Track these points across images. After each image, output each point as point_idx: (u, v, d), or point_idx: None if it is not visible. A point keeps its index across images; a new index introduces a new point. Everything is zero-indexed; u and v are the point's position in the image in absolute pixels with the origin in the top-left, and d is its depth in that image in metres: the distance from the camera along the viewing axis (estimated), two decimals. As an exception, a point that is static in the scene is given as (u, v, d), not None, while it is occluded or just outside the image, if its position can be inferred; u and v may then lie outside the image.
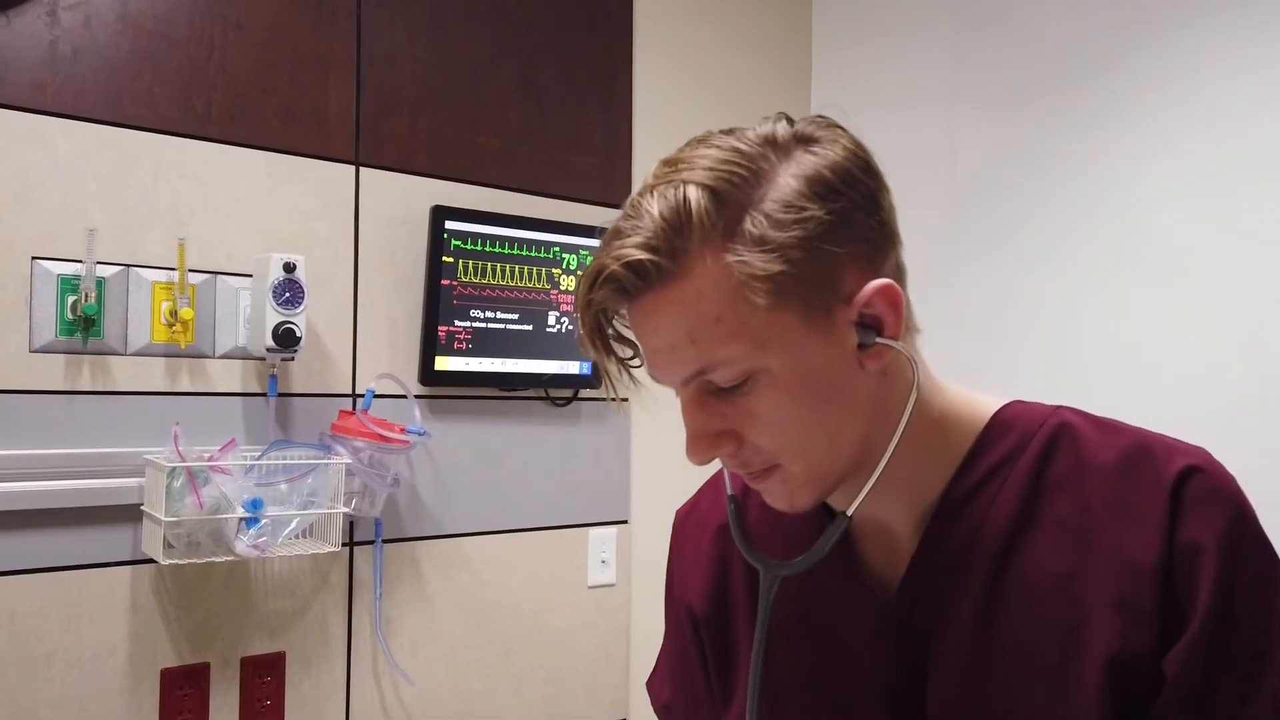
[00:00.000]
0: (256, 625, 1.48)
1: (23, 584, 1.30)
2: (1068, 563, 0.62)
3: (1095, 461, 0.63)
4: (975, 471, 0.66)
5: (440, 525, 1.67)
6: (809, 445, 0.61)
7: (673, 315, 0.59)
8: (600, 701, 1.85)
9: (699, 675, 0.81)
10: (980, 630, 0.64)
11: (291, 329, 1.39)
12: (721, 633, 0.78)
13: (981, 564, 0.64)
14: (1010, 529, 0.64)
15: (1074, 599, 0.61)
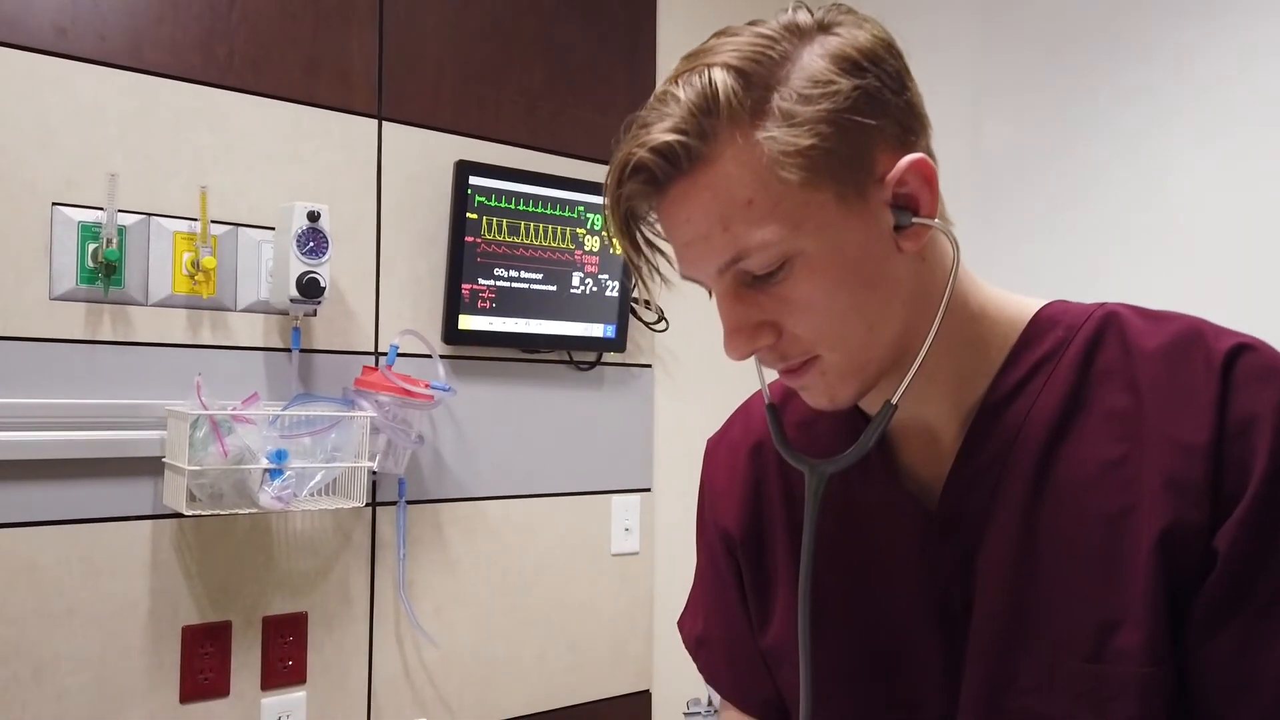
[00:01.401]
0: (278, 584, 1.45)
1: (43, 535, 1.28)
2: (1117, 451, 0.60)
3: (1144, 347, 0.61)
4: (1019, 368, 0.64)
5: (463, 488, 1.65)
6: (848, 331, 0.59)
7: (704, 202, 0.57)
8: (624, 671, 1.82)
9: (735, 603, 0.79)
10: (1027, 526, 0.61)
11: (316, 279, 1.37)
12: (759, 555, 0.76)
13: (1027, 460, 0.62)
14: (1056, 423, 0.62)
15: (1123, 486, 0.59)
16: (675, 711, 1.81)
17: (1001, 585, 0.62)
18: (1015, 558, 0.61)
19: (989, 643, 0.62)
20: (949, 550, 0.65)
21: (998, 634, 0.62)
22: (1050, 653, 0.60)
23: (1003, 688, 0.61)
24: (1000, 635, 0.61)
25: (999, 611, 0.62)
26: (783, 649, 0.73)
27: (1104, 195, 1.74)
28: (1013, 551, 0.62)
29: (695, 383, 1.95)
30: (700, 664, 0.82)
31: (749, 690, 0.78)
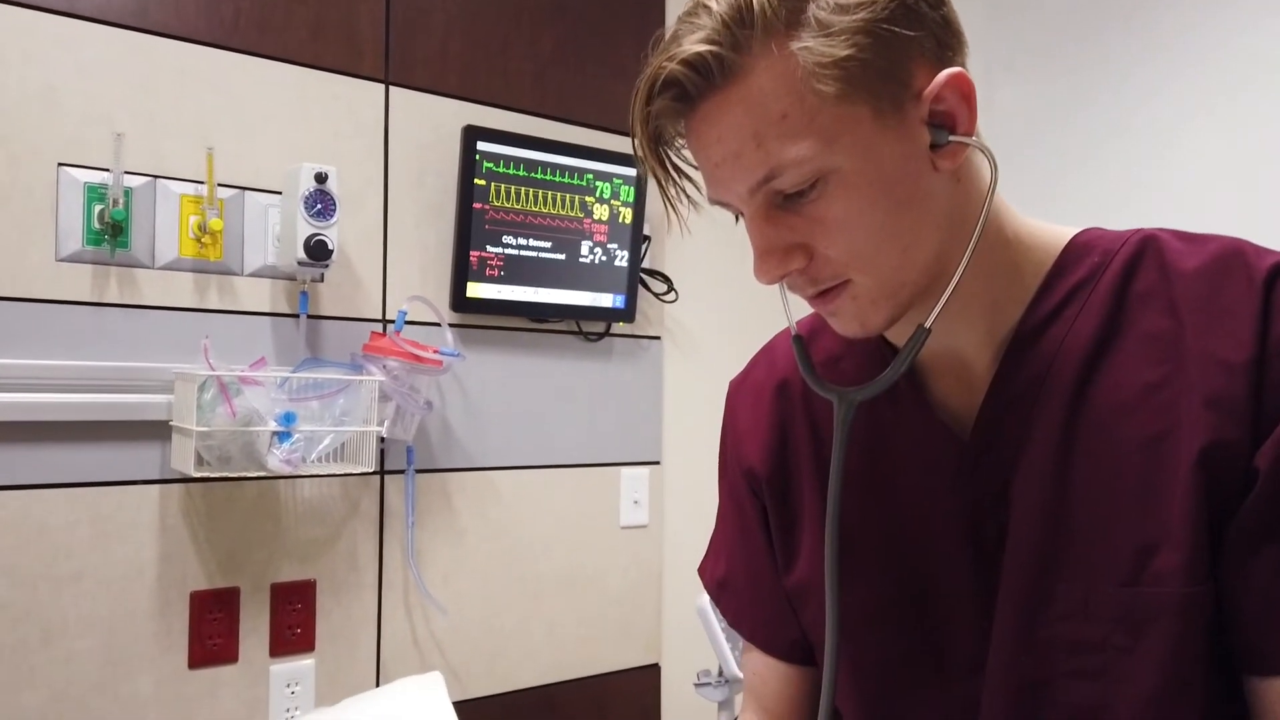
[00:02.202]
0: (287, 552, 1.44)
1: (51, 498, 1.27)
2: (1155, 374, 0.58)
3: (1182, 268, 0.60)
4: (1054, 294, 0.62)
5: (472, 458, 1.64)
6: (881, 253, 0.58)
7: (736, 117, 0.56)
8: (633, 645, 1.81)
9: (759, 543, 0.78)
10: (1063, 453, 0.60)
11: (324, 241, 1.35)
12: (784, 493, 0.74)
13: (1062, 386, 0.61)
14: (1092, 349, 0.60)
15: (1162, 409, 0.57)
16: (685, 684, 1.80)
17: (1036, 514, 0.60)
18: (1050, 485, 0.60)
19: (1023, 571, 0.61)
20: (982, 480, 0.63)
21: (1032, 562, 0.60)
22: (1086, 579, 0.58)
23: (1037, 616, 0.60)
24: (1034, 563, 0.60)
25: (1033, 540, 0.60)
26: (808, 587, 0.72)
27: (1109, 161, 1.72)
28: (1048, 479, 0.60)
29: (705, 356, 1.94)
30: (723, 607, 0.81)
31: (773, 631, 0.77)
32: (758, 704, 0.81)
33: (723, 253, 1.97)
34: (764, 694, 0.80)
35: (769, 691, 0.79)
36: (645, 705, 1.82)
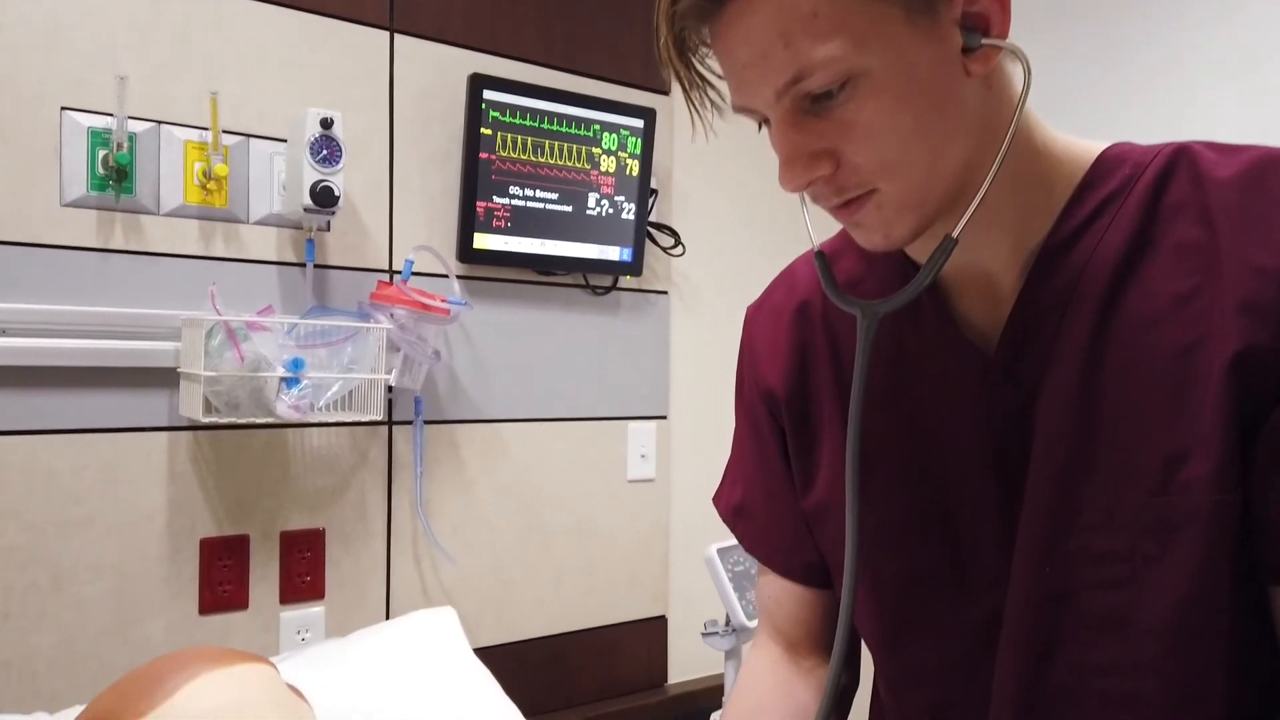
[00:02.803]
0: (295, 500, 1.45)
1: (59, 443, 1.27)
2: (1187, 284, 0.57)
3: (1217, 176, 0.58)
4: (1084, 207, 0.61)
5: (479, 410, 1.63)
6: (909, 159, 0.57)
7: (764, 16, 0.54)
8: (640, 596, 1.82)
9: (777, 466, 0.77)
10: (1091, 367, 0.59)
11: (330, 187, 1.34)
12: (804, 414, 0.74)
13: (1092, 299, 0.60)
14: (1123, 260, 0.59)
15: (1194, 319, 0.57)
16: (691, 635, 1.81)
17: (1063, 428, 0.60)
18: (1078, 399, 0.59)
19: (1048, 483, 0.60)
20: (1008, 396, 0.63)
21: (1057, 475, 0.60)
22: (1114, 489, 0.58)
23: (1062, 528, 0.60)
24: (1060, 476, 0.60)
25: (1059, 452, 0.60)
26: (827, 508, 0.72)
27: (1130, 124, 1.70)
28: (1075, 393, 0.59)
29: (712, 311, 1.93)
30: (739, 533, 0.81)
31: (790, 554, 0.77)
32: (773, 627, 0.81)
33: (730, 207, 1.96)
34: (779, 616, 0.80)
35: (784, 614, 0.79)
36: (652, 655, 1.83)
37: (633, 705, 1.76)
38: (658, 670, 1.84)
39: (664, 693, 1.83)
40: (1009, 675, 0.62)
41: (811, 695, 0.78)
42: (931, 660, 0.68)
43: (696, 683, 1.86)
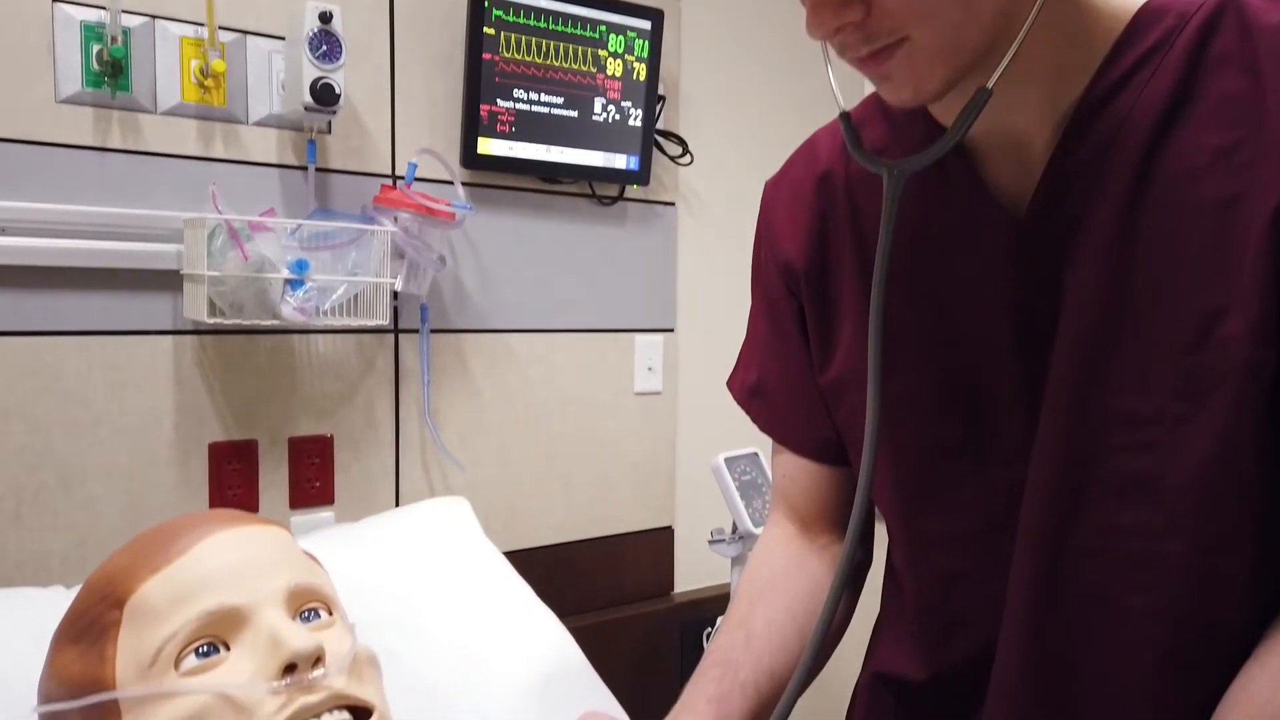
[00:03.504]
0: (303, 407, 1.44)
1: (64, 345, 1.26)
2: (1231, 136, 0.55)
3: (1265, 24, 0.55)
4: (1123, 61, 0.58)
5: (485, 319, 1.62)
6: (943, 4, 0.54)
7: None
8: (647, 508, 1.83)
9: (794, 342, 0.76)
10: (1126, 225, 0.57)
11: (330, 85, 1.31)
12: (823, 287, 0.72)
13: (1129, 156, 0.57)
14: (1163, 115, 0.57)
15: (1236, 170, 0.54)
16: (698, 545, 1.83)
17: (1094, 289, 0.58)
18: (1111, 258, 0.58)
19: (1077, 347, 0.59)
20: (1037, 258, 0.61)
21: (1087, 338, 0.58)
22: (1146, 348, 0.57)
23: (1091, 392, 0.59)
24: (1090, 338, 0.58)
25: (1090, 315, 0.58)
26: (845, 381, 0.71)
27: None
28: (1108, 252, 0.58)
29: (719, 224, 1.90)
30: (755, 413, 0.80)
31: (806, 430, 0.76)
32: (787, 505, 0.81)
33: (740, 118, 1.92)
34: (794, 494, 0.80)
35: (799, 491, 0.79)
36: (659, 564, 1.86)
37: (639, 612, 1.79)
38: (664, 579, 1.87)
39: (670, 601, 1.85)
40: (1030, 540, 0.62)
41: (825, 570, 0.78)
42: (950, 530, 0.68)
43: (702, 591, 1.89)
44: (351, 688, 0.64)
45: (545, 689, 0.86)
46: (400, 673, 0.71)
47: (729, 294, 1.87)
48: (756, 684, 0.72)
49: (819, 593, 0.77)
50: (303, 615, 0.66)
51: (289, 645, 0.61)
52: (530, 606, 1.02)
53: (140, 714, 0.61)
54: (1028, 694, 0.64)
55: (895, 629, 0.79)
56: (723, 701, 0.71)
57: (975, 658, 0.68)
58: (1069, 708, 0.63)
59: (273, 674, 0.61)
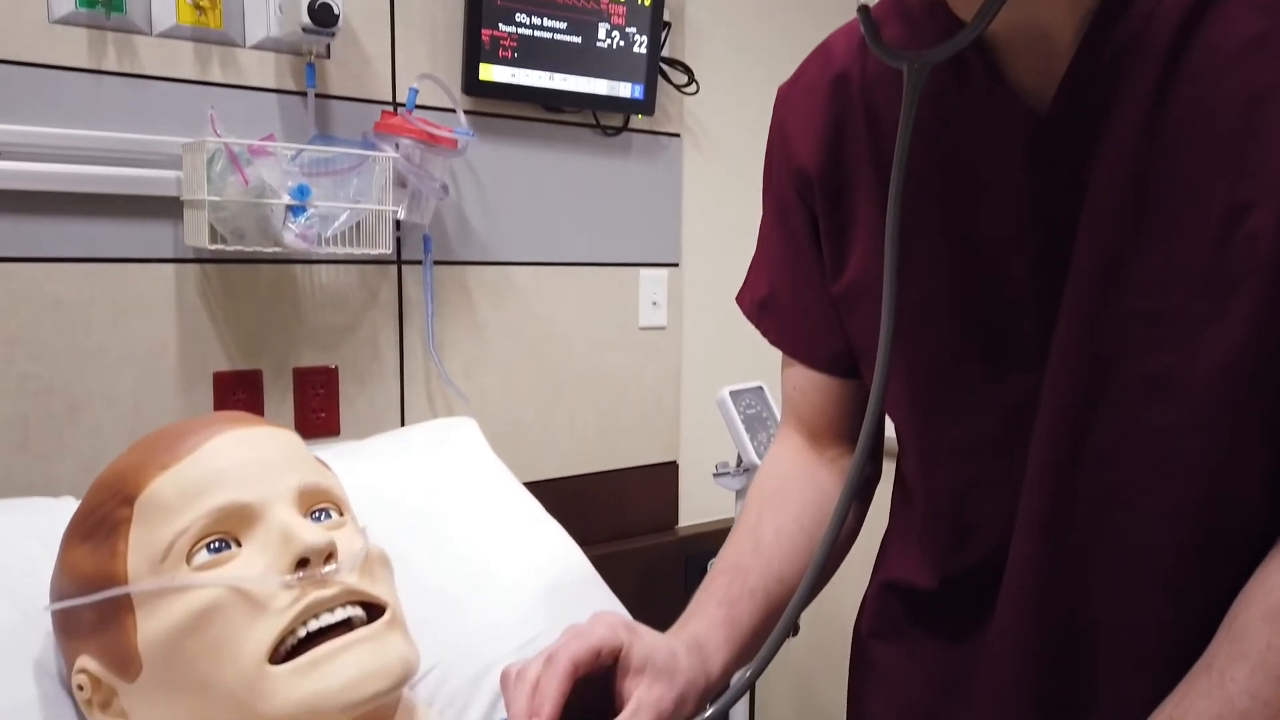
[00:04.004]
0: (307, 337, 1.44)
1: (65, 272, 1.25)
2: (1260, 27, 0.53)
3: None
4: None
5: (488, 251, 1.61)
6: None
7: None
8: (652, 443, 1.84)
9: (806, 252, 0.75)
10: (1152, 120, 0.56)
11: (329, 5, 1.28)
12: (837, 193, 0.71)
13: (1156, 48, 0.55)
14: (1189, 10, 0.55)
15: (1269, 61, 0.53)
16: (701, 481, 1.84)
17: (1117, 186, 0.57)
18: (1136, 154, 0.56)
19: (1099, 247, 0.58)
20: (1060, 157, 0.59)
21: (1109, 236, 0.57)
22: (1170, 246, 0.56)
23: (1112, 291, 0.57)
24: (1112, 237, 0.57)
25: (1113, 213, 0.57)
26: (859, 289, 0.70)
27: None
28: (1133, 148, 0.56)
29: (725, 156, 1.88)
30: (765, 327, 0.80)
31: (817, 342, 0.76)
32: (797, 418, 0.80)
33: (747, 47, 1.88)
34: (803, 407, 0.79)
35: (808, 404, 0.79)
36: (664, 498, 1.86)
37: (644, 545, 1.80)
38: (668, 514, 1.88)
39: (674, 534, 1.87)
40: (1045, 445, 0.61)
41: (834, 482, 0.78)
42: (963, 438, 0.67)
43: (706, 526, 1.90)
44: (364, 584, 0.64)
45: (554, 596, 0.87)
46: (410, 578, 0.71)
47: (734, 228, 1.85)
48: (766, 589, 0.72)
49: (827, 504, 0.77)
50: (313, 515, 0.66)
51: (301, 539, 0.61)
52: (539, 519, 1.02)
53: (153, 609, 0.61)
54: (1039, 598, 0.64)
55: (904, 539, 0.79)
56: (733, 605, 0.71)
57: (986, 565, 0.68)
58: (1081, 610, 0.63)
59: (285, 569, 0.61)
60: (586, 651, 0.59)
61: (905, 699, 0.78)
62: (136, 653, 0.61)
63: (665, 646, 0.64)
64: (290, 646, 0.61)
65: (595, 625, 0.61)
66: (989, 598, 0.68)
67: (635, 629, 0.63)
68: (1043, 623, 0.64)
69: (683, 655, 0.64)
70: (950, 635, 0.74)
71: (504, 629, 0.84)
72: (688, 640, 0.67)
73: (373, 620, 0.64)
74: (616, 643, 0.61)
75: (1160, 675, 0.57)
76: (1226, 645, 0.55)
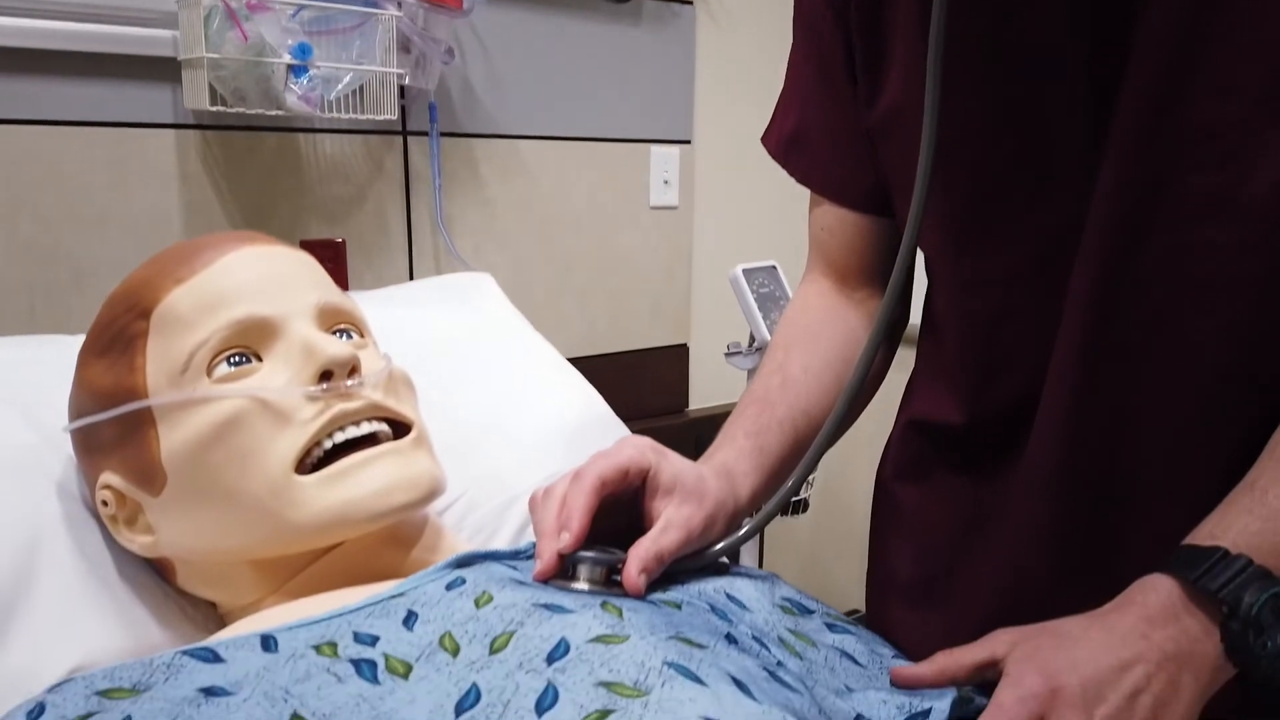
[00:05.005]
0: (312, 209, 1.41)
1: (63, 136, 1.22)
2: None
3: None
4: None
5: (496, 124, 1.56)
6: None
7: None
8: (663, 325, 1.82)
9: (839, 81, 0.71)
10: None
11: None
12: (875, 10, 0.67)
13: None
14: None
15: None
16: (712, 364, 1.83)
17: (1164, 56, 0.54)
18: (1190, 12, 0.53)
19: (1156, 56, 0.54)
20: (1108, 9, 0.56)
21: (1167, 42, 0.54)
22: (1231, 52, 0.52)
23: (1168, 102, 0.54)
24: (1170, 44, 0.54)
25: (1172, 19, 0.54)
26: (894, 117, 0.67)
27: None
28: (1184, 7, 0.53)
29: (740, 27, 1.81)
30: (792, 166, 0.77)
31: (848, 178, 0.73)
32: (825, 260, 0.79)
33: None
34: (831, 247, 0.77)
35: (836, 244, 0.77)
36: (675, 379, 1.86)
37: (654, 426, 1.80)
38: (679, 396, 1.88)
39: (684, 417, 1.87)
40: (1090, 270, 0.59)
41: (863, 323, 0.77)
42: (1000, 267, 0.65)
43: (716, 409, 1.90)
44: (389, 401, 0.63)
45: (578, 434, 0.87)
46: (433, 411, 0.70)
47: (749, 104, 1.80)
48: (794, 421, 0.72)
49: (856, 343, 0.76)
50: (334, 334, 0.65)
51: (324, 351, 0.60)
52: (558, 364, 1.01)
53: (175, 421, 0.60)
54: (1075, 429, 0.63)
55: (932, 378, 0.78)
56: (760, 435, 0.70)
57: (1017, 400, 0.67)
58: (1118, 441, 0.62)
59: (308, 381, 0.60)
60: (614, 470, 0.58)
61: (928, 538, 0.77)
62: (160, 466, 0.60)
63: (693, 470, 0.63)
64: (316, 459, 0.60)
65: (623, 446, 0.61)
66: (1019, 432, 0.67)
67: (663, 451, 0.62)
68: (1077, 454, 0.63)
69: (711, 479, 0.64)
70: (977, 472, 0.73)
71: (530, 462, 0.84)
72: (716, 467, 0.67)
73: (399, 438, 0.63)
74: (644, 463, 0.60)
75: (1193, 508, 0.56)
76: (1270, 466, 0.54)
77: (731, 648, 0.54)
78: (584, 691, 0.47)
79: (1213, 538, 0.52)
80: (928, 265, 0.74)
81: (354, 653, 0.51)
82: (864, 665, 0.61)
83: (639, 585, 0.55)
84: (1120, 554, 0.63)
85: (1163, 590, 0.52)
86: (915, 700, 0.53)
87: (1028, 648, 0.52)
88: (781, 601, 0.64)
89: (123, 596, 0.65)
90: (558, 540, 0.56)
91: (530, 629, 0.51)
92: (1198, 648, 0.50)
